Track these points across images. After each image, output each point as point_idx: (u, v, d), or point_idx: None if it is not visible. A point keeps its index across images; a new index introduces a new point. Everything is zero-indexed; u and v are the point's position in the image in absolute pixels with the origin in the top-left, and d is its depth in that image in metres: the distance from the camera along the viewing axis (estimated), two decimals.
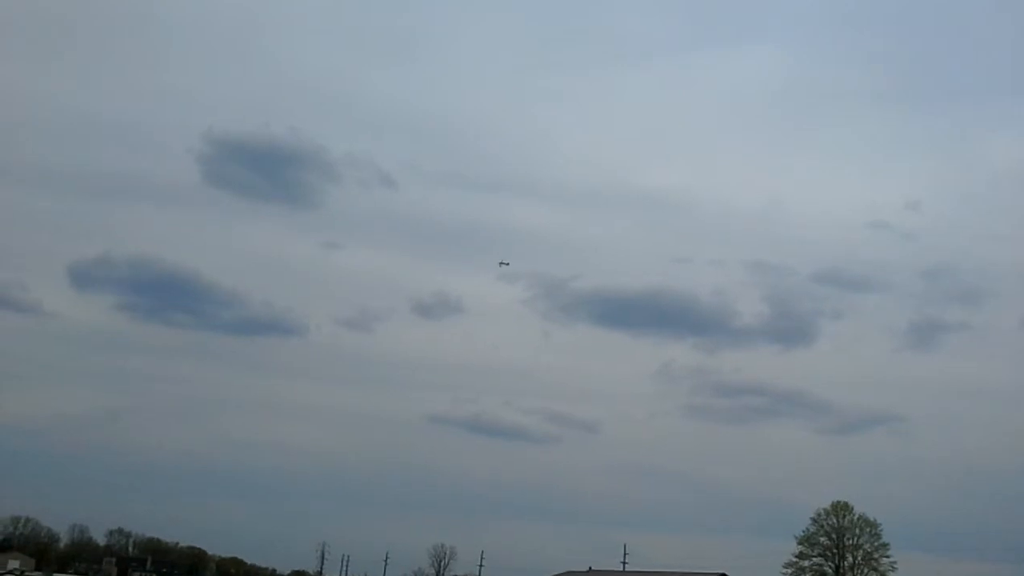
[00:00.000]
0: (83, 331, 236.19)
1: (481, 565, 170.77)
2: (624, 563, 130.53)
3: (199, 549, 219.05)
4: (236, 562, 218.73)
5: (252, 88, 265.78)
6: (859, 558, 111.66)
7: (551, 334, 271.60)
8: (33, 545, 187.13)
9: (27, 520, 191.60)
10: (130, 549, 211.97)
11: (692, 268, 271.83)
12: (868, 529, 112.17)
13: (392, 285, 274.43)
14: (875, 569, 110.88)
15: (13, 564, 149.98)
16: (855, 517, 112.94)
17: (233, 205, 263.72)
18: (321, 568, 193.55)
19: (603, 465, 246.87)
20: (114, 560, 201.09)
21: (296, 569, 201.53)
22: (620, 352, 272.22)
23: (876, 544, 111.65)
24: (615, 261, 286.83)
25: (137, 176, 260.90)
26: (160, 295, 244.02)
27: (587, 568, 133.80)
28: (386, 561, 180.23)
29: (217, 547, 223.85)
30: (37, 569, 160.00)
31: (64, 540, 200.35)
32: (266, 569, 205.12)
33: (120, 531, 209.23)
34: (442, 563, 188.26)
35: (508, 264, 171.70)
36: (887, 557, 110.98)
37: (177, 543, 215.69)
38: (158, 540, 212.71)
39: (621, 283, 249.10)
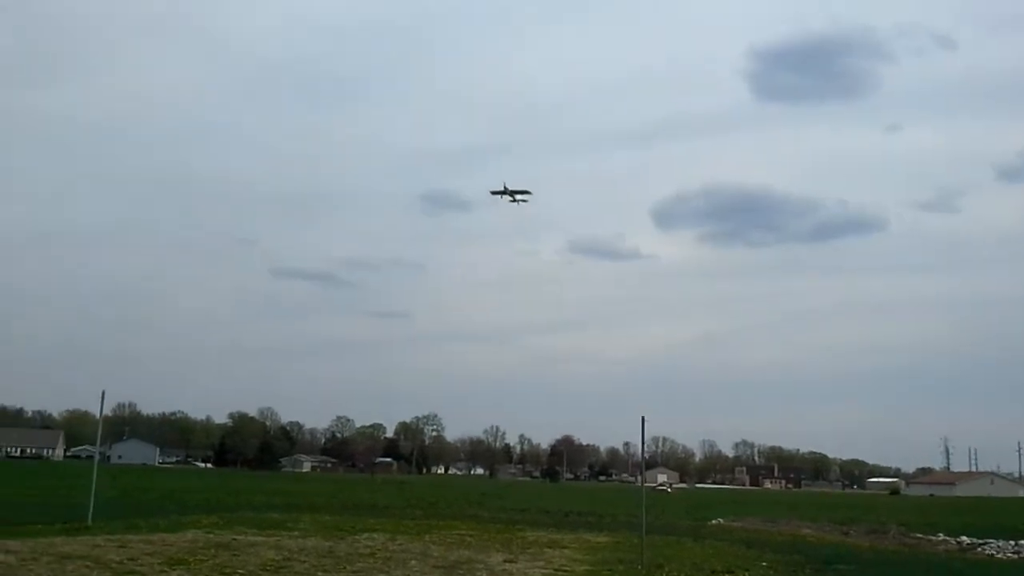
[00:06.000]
0: (675, 266, 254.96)
1: None
2: None
3: (820, 454, 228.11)
4: (858, 464, 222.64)
5: None
6: None
7: None
8: (673, 461, 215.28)
9: (665, 439, 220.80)
10: (756, 458, 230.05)
11: None
12: None
13: (969, 154, 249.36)
14: None
15: (662, 477, 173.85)
16: None
17: (787, 113, 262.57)
18: (947, 463, 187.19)
19: None
20: (744, 469, 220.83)
21: (921, 467, 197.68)
22: None
23: None
24: None
25: (691, 112, 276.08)
26: (736, 218, 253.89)
27: None
28: (1020, 451, 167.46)
29: (837, 451, 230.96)
30: (680, 482, 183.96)
31: (698, 455, 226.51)
32: (888, 468, 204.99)
33: (744, 442, 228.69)
34: None
35: None
36: None
37: (798, 450, 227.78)
38: (780, 448, 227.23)
39: None
